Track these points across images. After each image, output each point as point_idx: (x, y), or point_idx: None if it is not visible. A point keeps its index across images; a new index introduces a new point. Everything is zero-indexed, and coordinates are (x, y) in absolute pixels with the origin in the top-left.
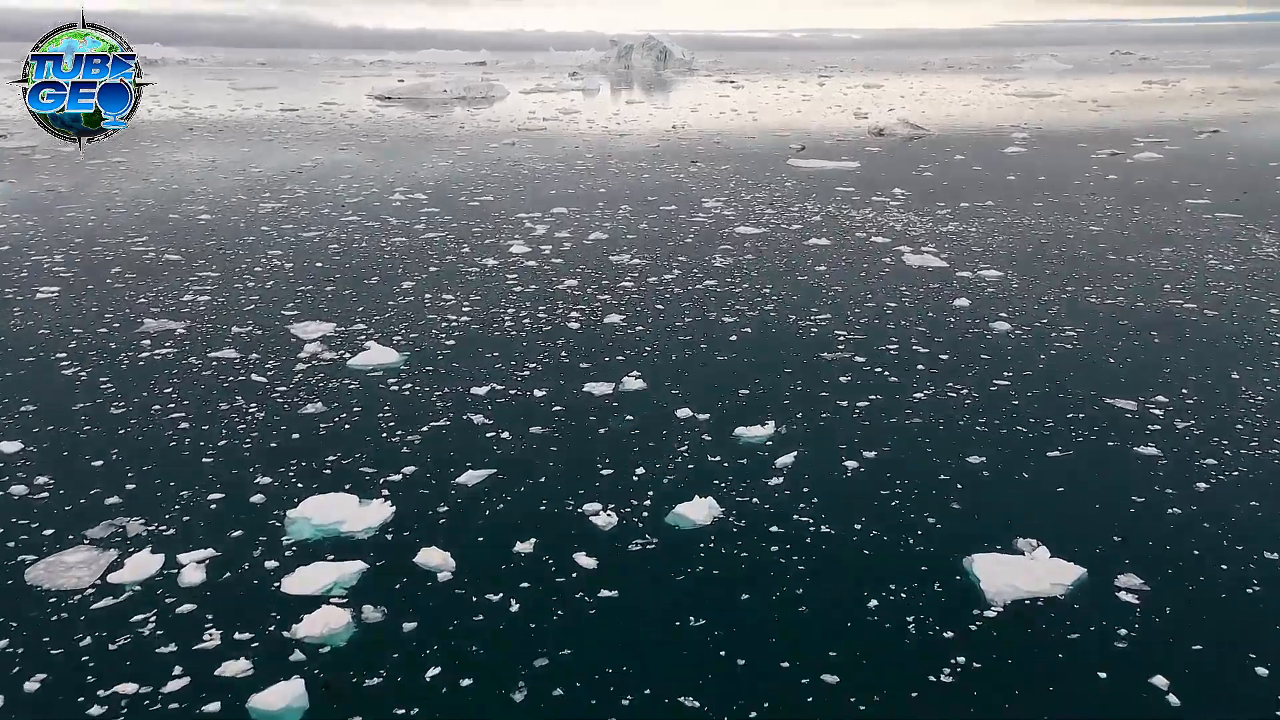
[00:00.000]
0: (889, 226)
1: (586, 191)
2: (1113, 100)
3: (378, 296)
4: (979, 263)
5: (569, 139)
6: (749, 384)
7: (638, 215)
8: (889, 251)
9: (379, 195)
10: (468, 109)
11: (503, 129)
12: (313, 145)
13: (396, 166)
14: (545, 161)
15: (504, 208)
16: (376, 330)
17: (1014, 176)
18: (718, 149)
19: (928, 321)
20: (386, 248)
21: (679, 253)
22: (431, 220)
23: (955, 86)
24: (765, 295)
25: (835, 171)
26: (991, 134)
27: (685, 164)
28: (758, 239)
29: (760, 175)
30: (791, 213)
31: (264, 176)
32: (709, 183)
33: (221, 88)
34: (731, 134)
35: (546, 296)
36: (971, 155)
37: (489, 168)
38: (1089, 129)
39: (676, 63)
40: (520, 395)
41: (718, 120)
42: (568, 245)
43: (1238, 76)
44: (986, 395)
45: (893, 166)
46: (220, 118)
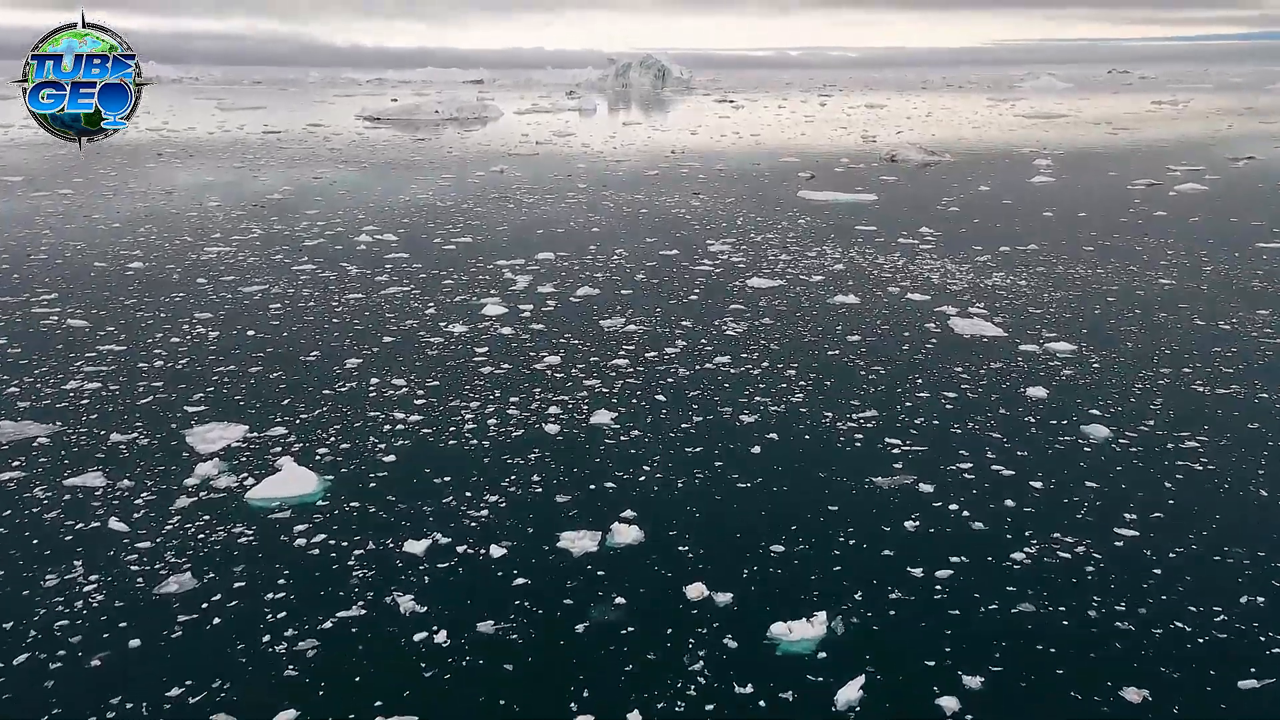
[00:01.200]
0: (924, 278)
1: (577, 231)
2: (1127, 122)
3: (312, 381)
4: (1043, 330)
5: (561, 165)
6: (782, 534)
7: (634, 262)
8: (931, 314)
9: (344, 236)
10: (459, 130)
11: (492, 153)
12: (286, 172)
13: (371, 199)
14: (534, 193)
15: (483, 252)
16: (299, 436)
17: (1050, 213)
18: (721, 177)
19: (1000, 422)
20: (338, 308)
21: (683, 315)
22: (397, 270)
23: (960, 106)
24: (790, 380)
25: (851, 205)
26: (1012, 161)
27: (686, 195)
28: (773, 295)
29: (769, 210)
30: (809, 259)
31: (220, 212)
32: (713, 219)
33: (207, 108)
34: (734, 159)
35: (520, 382)
36: (997, 186)
37: (472, 199)
38: (1114, 155)
39: (675, 81)
40: (471, 555)
41: (719, 143)
42: (551, 304)
43: (1245, 96)
44: (1112, 554)
45: (913, 200)
46: (196, 140)
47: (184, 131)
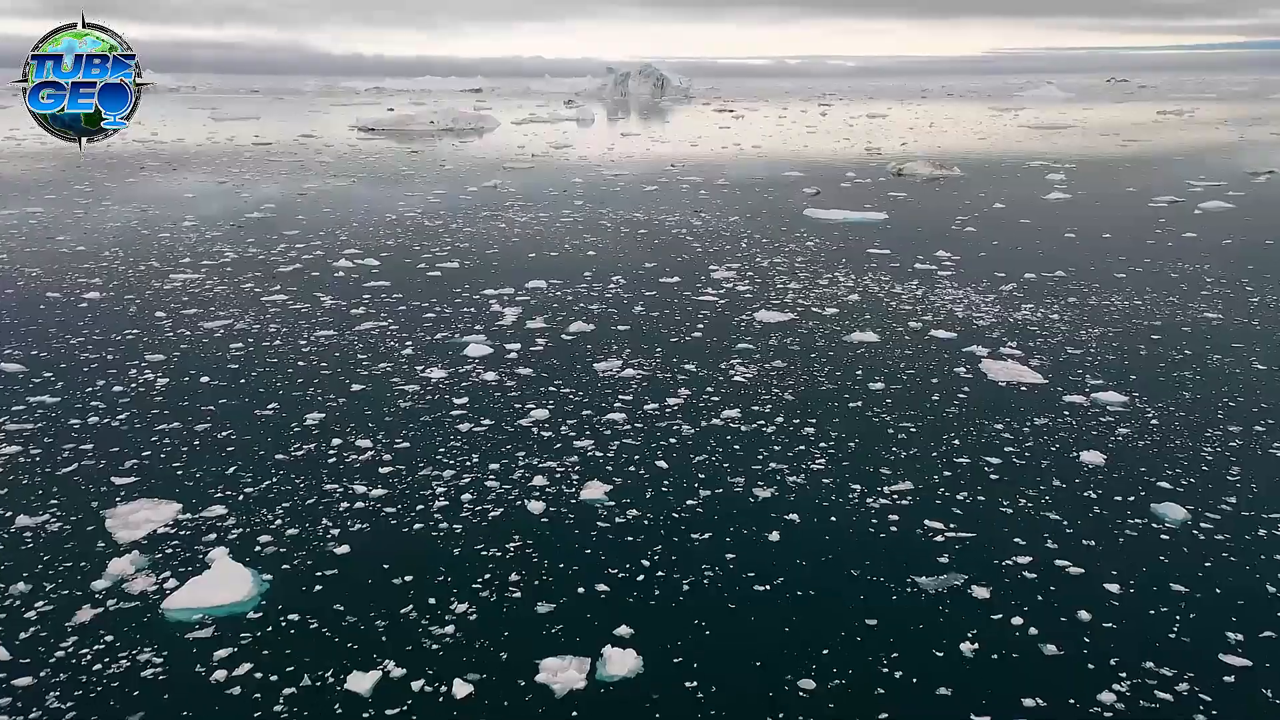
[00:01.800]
0: (947, 311)
1: (572, 255)
2: (1135, 132)
3: (266, 443)
4: (1086, 376)
5: (558, 179)
6: (812, 663)
7: (633, 292)
8: (960, 354)
9: (322, 260)
10: (454, 141)
11: (487, 166)
12: (271, 187)
13: (356, 217)
14: (527, 210)
15: (470, 279)
16: (240, 518)
17: (1073, 234)
18: (723, 194)
19: (1056, 499)
20: (305, 348)
21: (686, 356)
22: (375, 301)
23: (962, 116)
24: (808, 441)
25: (861, 225)
26: (1023, 175)
27: (687, 214)
28: (785, 331)
29: (774, 230)
30: (820, 287)
31: (194, 233)
32: (716, 241)
33: (200, 118)
34: (736, 173)
35: (502, 443)
36: (1011, 204)
37: (462, 219)
38: (1129, 168)
39: (673, 90)
40: (429, 695)
41: (720, 156)
42: (541, 343)
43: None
44: (1223, 692)
45: (926, 219)
46: (183, 151)
47: (173, 142)
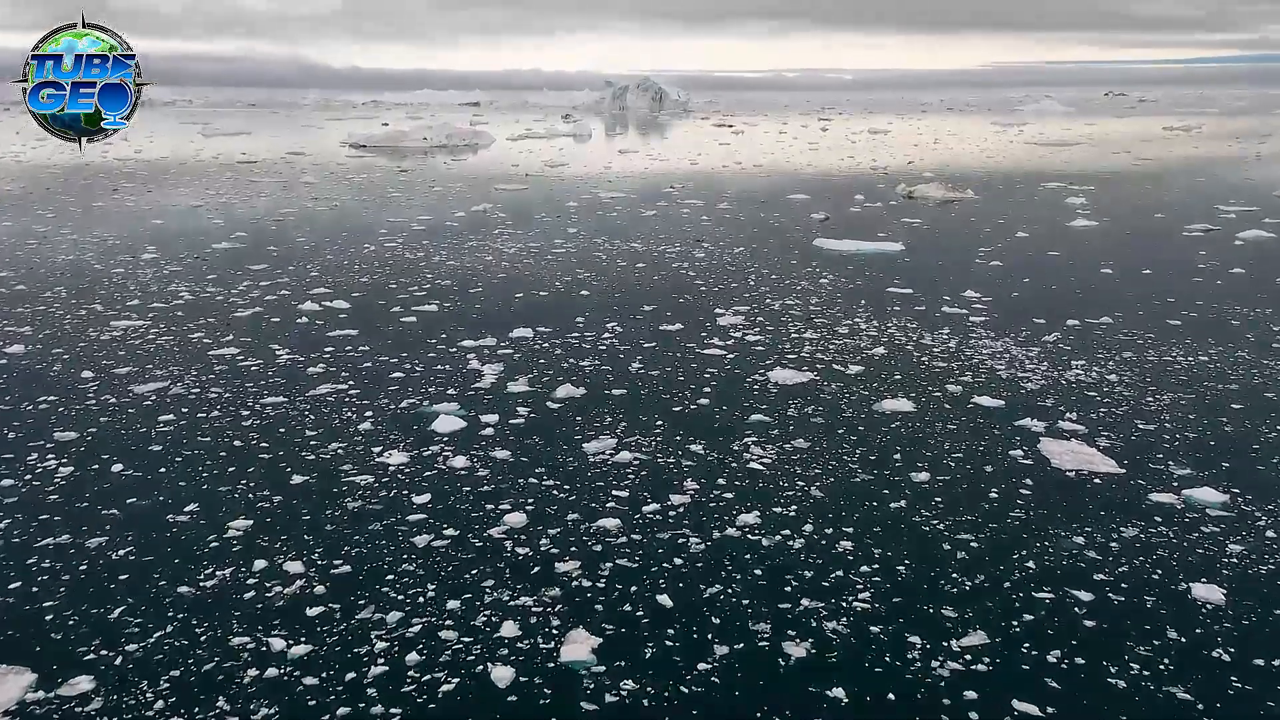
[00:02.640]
0: (988, 369)
1: (562, 295)
2: (1145, 149)
3: (166, 570)
4: (1169, 463)
5: (551, 203)
6: None
7: (629, 343)
8: (1013, 430)
9: (286, 302)
10: (447, 158)
11: (478, 187)
12: (246, 212)
13: (331, 248)
14: (517, 239)
15: (448, 327)
16: (109, 695)
17: (1109, 269)
18: (725, 219)
19: (1175, 660)
20: (246, 421)
21: (692, 432)
22: (338, 356)
23: (965, 131)
24: (846, 562)
25: (877, 258)
26: (1041, 198)
27: (688, 244)
28: (804, 397)
29: (784, 264)
30: (840, 337)
31: (153, 266)
32: (721, 277)
33: (190, 133)
34: (738, 196)
35: (467, 568)
36: (1035, 233)
37: (446, 249)
38: (1150, 190)
39: (672, 104)
40: None
41: (721, 175)
42: (523, 413)
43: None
44: None
45: (947, 251)
46: (164, 170)
47: (155, 160)
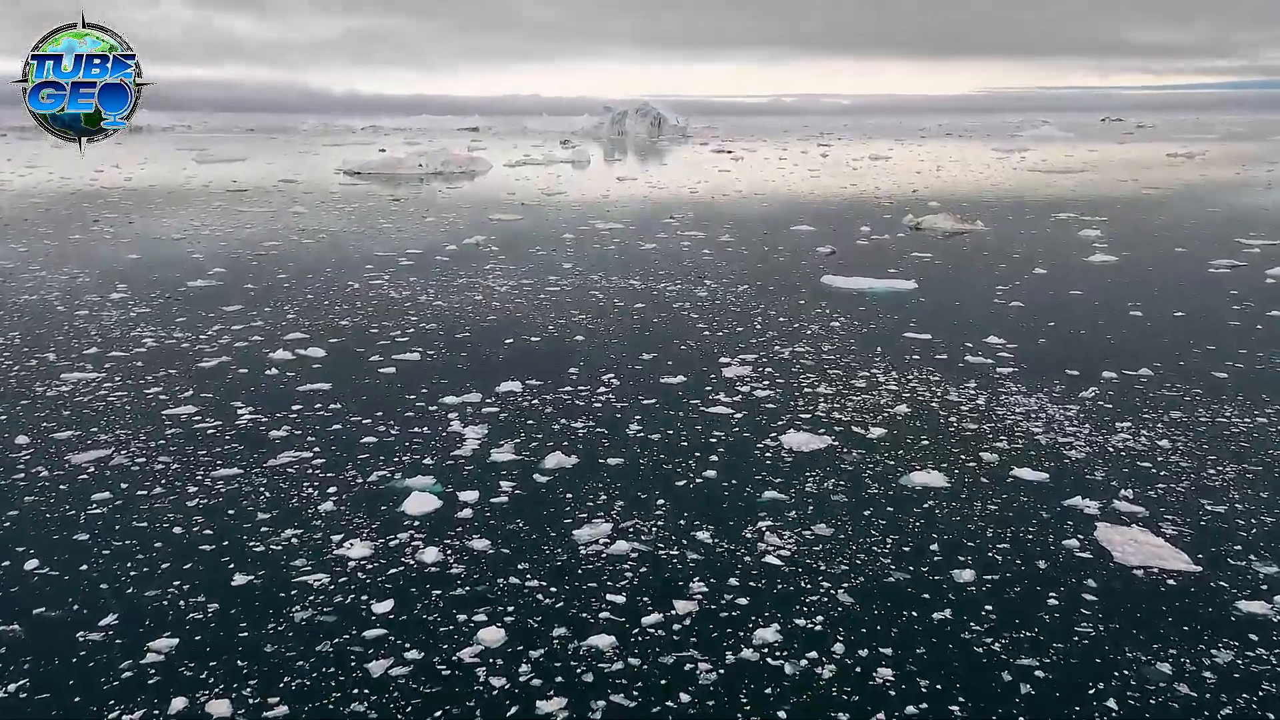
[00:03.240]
0: (1025, 432)
1: (555, 341)
2: (1151, 177)
3: (70, 705)
4: (1249, 557)
5: (547, 235)
6: None
7: (627, 399)
8: (1063, 513)
9: (257, 350)
10: (443, 186)
11: (472, 218)
12: (228, 245)
13: (313, 286)
14: (510, 276)
15: (430, 379)
16: None
17: (1138, 312)
18: (727, 253)
19: None
20: (192, 500)
21: (697, 513)
22: (305, 416)
23: (967, 158)
24: (888, 697)
25: (890, 297)
26: (1054, 231)
27: (690, 281)
28: (823, 468)
29: (791, 304)
30: (858, 392)
31: (119, 308)
32: (725, 320)
33: (184, 159)
34: (740, 227)
35: (429, 710)
36: (1054, 269)
37: (434, 287)
38: (1167, 221)
39: (670, 129)
40: None
41: (721, 204)
42: (506, 489)
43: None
44: None
45: (962, 289)
46: (151, 198)
47: (144, 188)
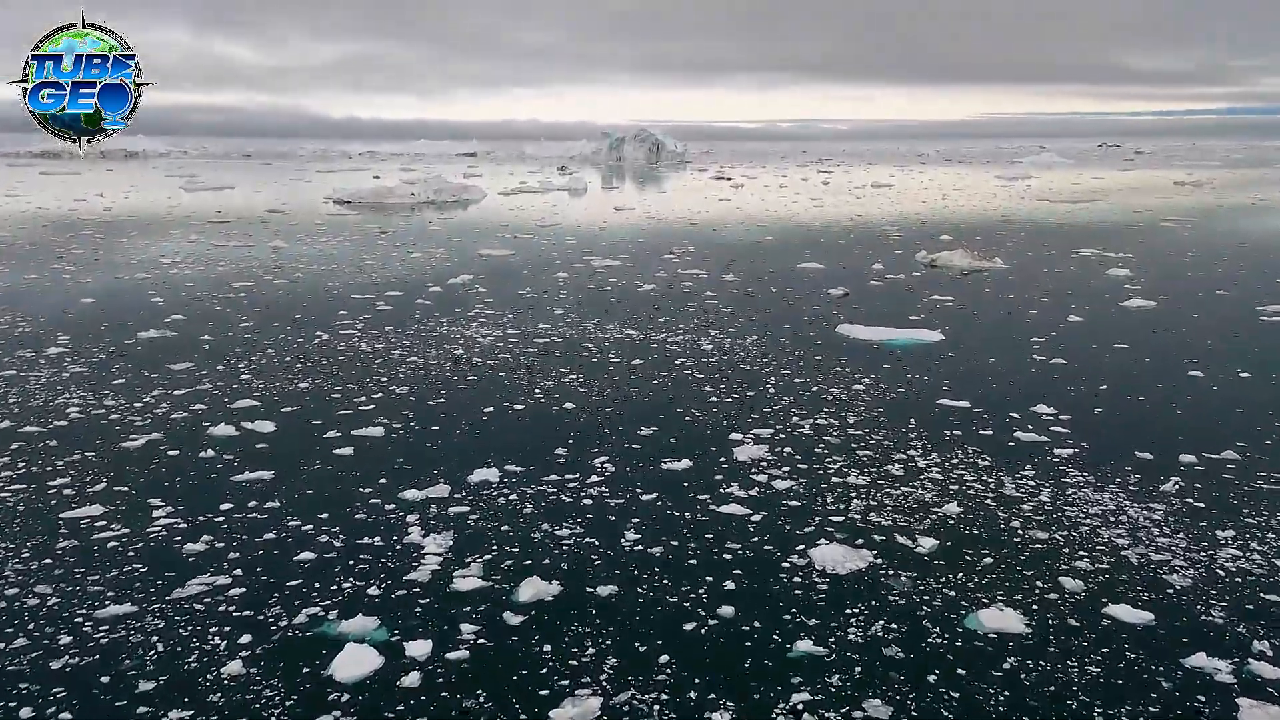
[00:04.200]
0: (1110, 547)
1: (541, 411)
2: (1165, 206)
3: None
4: None
5: (539, 274)
6: None
7: (622, 493)
8: (1187, 677)
9: (192, 428)
10: (434, 215)
11: (460, 253)
12: (194, 286)
13: (273, 340)
14: (495, 323)
15: (391, 465)
16: None
17: (1197, 371)
18: (733, 295)
19: None
20: (58, 662)
21: (711, 680)
22: (233, 522)
23: (971, 185)
24: None
25: (915, 352)
26: (1080, 269)
27: (693, 330)
28: (865, 601)
29: (807, 361)
30: (895, 484)
31: (53, 365)
32: (734, 382)
33: (171, 187)
34: (745, 264)
35: None
36: (1090, 317)
37: (410, 340)
38: (1196, 259)
39: (669, 155)
40: None
41: (723, 238)
42: (468, 637)
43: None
44: None
45: (994, 342)
46: (123, 231)
47: (123, 219)
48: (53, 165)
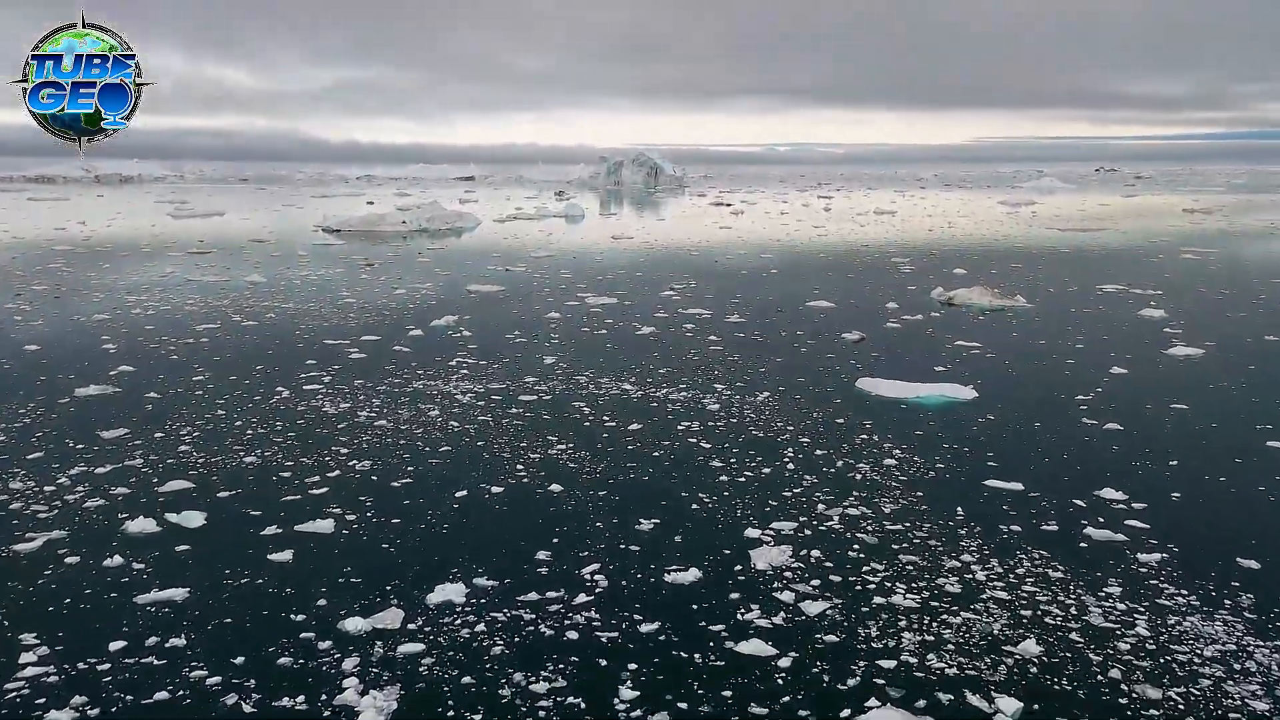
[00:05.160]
0: (1246, 712)
1: (521, 499)
2: (1180, 235)
3: None
4: None
5: (529, 314)
6: None
7: (618, 624)
8: None
9: (105, 522)
10: (425, 245)
11: (447, 289)
12: (153, 330)
13: (224, 399)
14: (476, 378)
15: (332, 578)
16: None
17: (1275, 440)
18: (739, 342)
19: None
20: None
21: None
22: (117, 672)
23: (975, 211)
24: None
25: (948, 414)
26: (1108, 308)
27: (698, 387)
28: None
29: (827, 426)
30: (953, 605)
31: None
32: (746, 456)
33: (159, 213)
34: (750, 302)
35: None
36: (1134, 369)
37: (379, 400)
38: (1234, 295)
39: (667, 179)
40: None
41: (725, 270)
42: None
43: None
44: None
45: (1035, 402)
46: (94, 263)
47: (99, 250)
48: (43, 190)
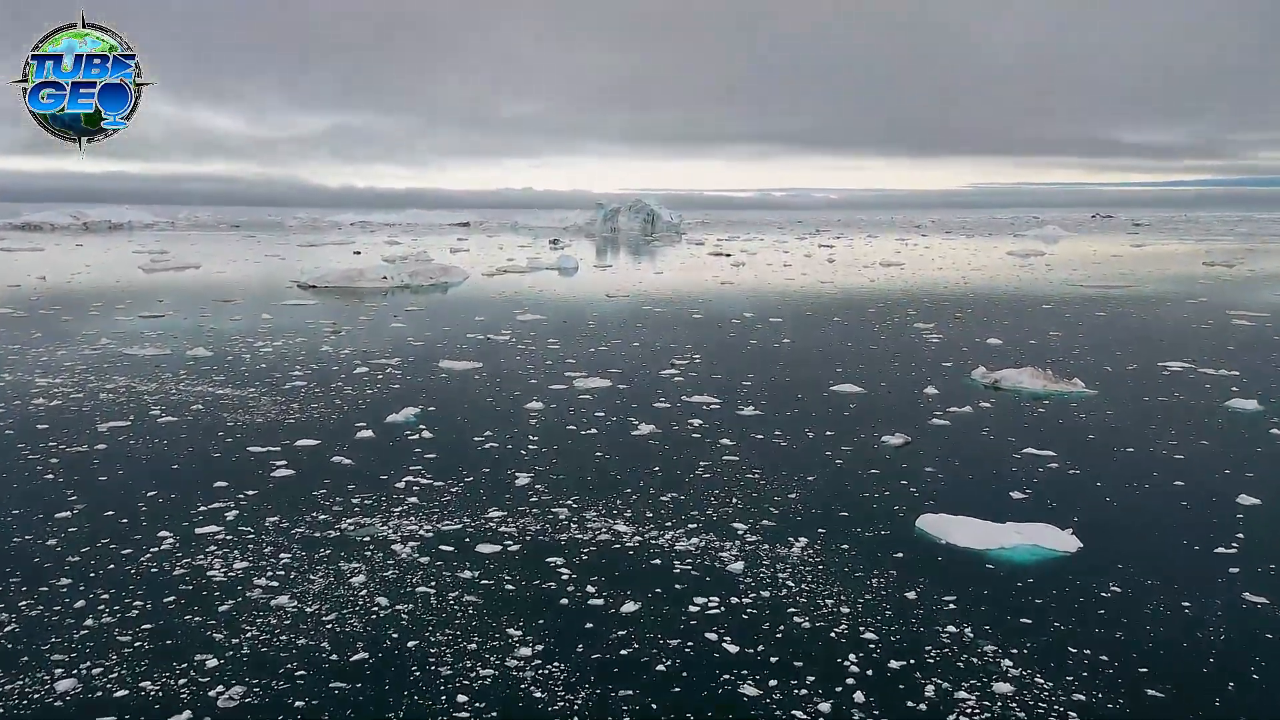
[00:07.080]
0: None
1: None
2: (1213, 292)
3: None
4: None
5: (505, 405)
6: None
7: None
8: None
9: None
10: (404, 304)
11: (412, 369)
12: (48, 428)
13: (67, 567)
14: (428, 506)
15: None
16: None
17: None
18: (759, 448)
19: None
20: None
21: None
22: None
23: (983, 262)
24: None
25: (1049, 580)
26: (1187, 394)
27: (711, 524)
28: None
29: (887, 597)
30: None
31: None
32: (785, 654)
33: (133, 265)
34: (765, 385)
35: None
36: (1264, 491)
37: (286, 559)
38: None
39: (664, 225)
40: None
41: (732, 340)
42: None
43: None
44: None
45: (1161, 551)
46: (34, 326)
47: (41, 310)
48: (22, 239)
